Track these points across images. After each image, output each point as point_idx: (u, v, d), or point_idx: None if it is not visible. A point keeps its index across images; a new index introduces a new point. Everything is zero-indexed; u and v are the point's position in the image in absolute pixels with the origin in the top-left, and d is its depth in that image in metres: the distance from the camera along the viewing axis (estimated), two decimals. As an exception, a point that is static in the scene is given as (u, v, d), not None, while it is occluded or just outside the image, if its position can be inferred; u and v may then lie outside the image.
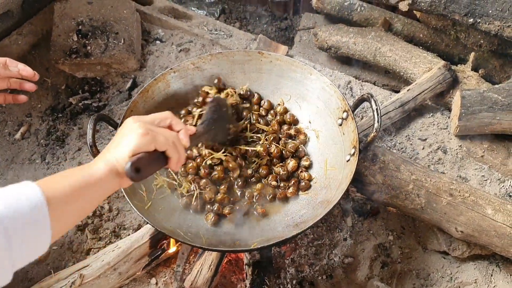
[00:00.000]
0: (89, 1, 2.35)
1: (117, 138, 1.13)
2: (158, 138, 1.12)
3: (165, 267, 1.78)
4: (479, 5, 1.95)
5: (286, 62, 1.77)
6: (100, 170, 1.04)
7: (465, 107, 1.95)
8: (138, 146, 1.08)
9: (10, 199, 0.85)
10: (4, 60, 1.52)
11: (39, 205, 0.88)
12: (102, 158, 1.08)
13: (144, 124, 1.12)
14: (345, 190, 1.43)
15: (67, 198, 0.96)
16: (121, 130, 1.14)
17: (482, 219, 1.66)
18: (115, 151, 1.09)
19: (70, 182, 0.98)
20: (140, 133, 1.09)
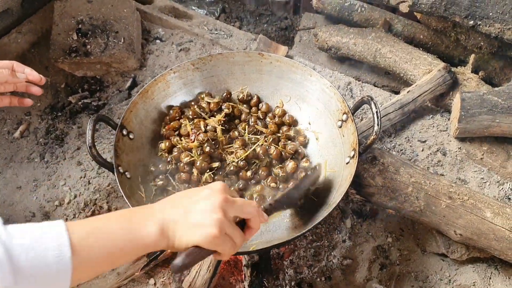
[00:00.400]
0: (89, 0, 2.34)
1: (192, 206, 1.00)
2: (226, 244, 0.99)
3: (164, 268, 1.78)
4: (479, 7, 1.95)
5: (286, 64, 1.77)
6: (151, 238, 0.94)
7: (465, 110, 1.95)
8: (202, 244, 0.96)
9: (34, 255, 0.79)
10: (11, 64, 1.52)
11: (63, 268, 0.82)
12: (160, 218, 0.96)
13: (223, 221, 0.98)
14: (344, 193, 1.43)
15: (99, 258, 0.88)
16: (204, 199, 1.00)
17: (481, 222, 1.66)
18: (180, 224, 0.97)
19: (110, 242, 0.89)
20: (214, 233, 0.95)
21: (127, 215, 0.96)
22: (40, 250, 0.80)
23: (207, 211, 0.98)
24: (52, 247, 0.81)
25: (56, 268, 0.81)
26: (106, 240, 0.89)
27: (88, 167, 2.01)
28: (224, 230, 0.98)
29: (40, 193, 1.95)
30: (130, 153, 1.58)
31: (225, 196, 1.02)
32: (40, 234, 0.82)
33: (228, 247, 1.01)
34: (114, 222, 0.93)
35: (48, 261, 0.80)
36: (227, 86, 1.83)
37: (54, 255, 0.81)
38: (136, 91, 2.25)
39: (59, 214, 1.89)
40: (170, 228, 0.96)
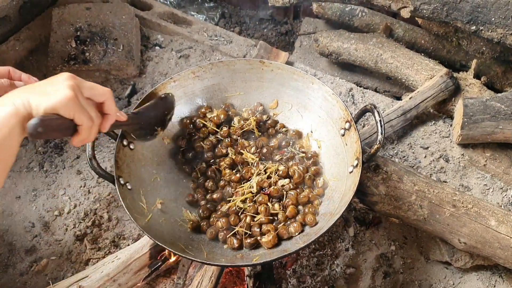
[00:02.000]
0: (87, 7, 2.32)
1: (42, 85, 1.00)
2: (82, 112, 1.01)
3: (165, 278, 1.76)
4: (482, 12, 1.93)
5: (287, 71, 1.75)
6: (10, 119, 0.92)
7: (467, 116, 1.93)
8: (59, 106, 0.96)
9: None
10: (7, 70, 1.50)
11: None
12: (10, 101, 0.94)
13: (78, 89, 1.01)
14: (348, 203, 1.41)
15: None
16: (52, 78, 1.02)
17: (485, 230, 1.64)
18: (32, 95, 0.96)
19: None
20: (69, 95, 0.97)
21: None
22: None
23: (58, 80, 1.00)
24: None
25: None
26: None
27: (88, 176, 1.99)
28: (78, 96, 0.99)
29: (39, 203, 1.93)
30: (131, 164, 1.56)
31: (73, 75, 1.04)
32: None
33: (86, 119, 1.02)
34: None
35: None
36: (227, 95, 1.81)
37: None
38: (136, 99, 2.24)
39: (59, 224, 1.87)
40: (23, 101, 0.94)
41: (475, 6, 1.91)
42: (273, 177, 1.60)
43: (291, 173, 1.62)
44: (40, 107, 0.95)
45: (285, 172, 1.62)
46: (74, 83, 1.01)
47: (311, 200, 1.58)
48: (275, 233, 1.48)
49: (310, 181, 1.61)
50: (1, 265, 1.78)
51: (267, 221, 1.52)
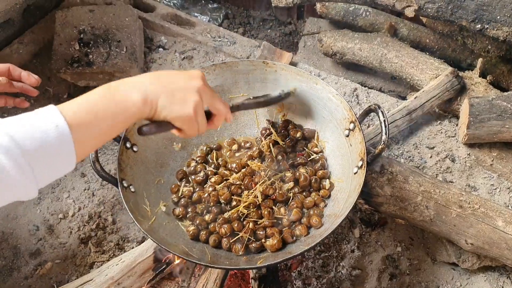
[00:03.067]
0: (91, 9, 2.32)
1: (175, 84, 1.09)
2: (193, 127, 1.12)
3: (170, 281, 1.76)
4: (487, 10, 1.91)
5: (291, 72, 1.74)
6: (135, 106, 1.02)
7: (473, 115, 1.92)
8: (176, 121, 1.09)
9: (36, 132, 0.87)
10: (7, 68, 1.49)
11: (65, 139, 0.89)
12: (143, 88, 1.04)
13: (199, 107, 1.10)
14: (353, 204, 1.40)
15: (90, 126, 0.95)
16: (185, 80, 1.11)
17: (492, 231, 1.62)
18: (163, 97, 1.06)
19: (96, 111, 0.96)
20: (189, 116, 1.08)
21: (113, 87, 1.02)
22: (41, 132, 0.87)
23: (188, 90, 1.09)
24: (51, 127, 0.88)
25: (59, 144, 0.89)
26: (97, 113, 0.97)
27: (92, 179, 1.99)
28: (197, 116, 1.10)
29: (43, 206, 1.93)
30: (134, 166, 1.55)
31: (205, 84, 1.13)
32: (37, 119, 0.89)
33: (193, 130, 1.14)
34: (102, 96, 1.00)
35: (50, 139, 0.88)
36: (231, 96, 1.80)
37: (54, 133, 0.88)
38: (140, 101, 2.23)
39: (63, 227, 1.87)
40: (153, 99, 1.04)
41: (480, 5, 1.89)
42: (277, 183, 1.59)
43: (297, 176, 1.60)
44: (162, 112, 1.06)
45: (292, 179, 1.61)
46: (199, 99, 1.10)
47: (317, 203, 1.57)
48: (279, 237, 1.46)
49: (317, 184, 1.60)
50: (6, 268, 1.78)
51: (271, 224, 1.51)
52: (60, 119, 0.90)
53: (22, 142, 0.85)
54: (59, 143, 0.89)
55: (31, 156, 0.85)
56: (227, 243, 1.47)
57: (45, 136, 0.87)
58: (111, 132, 1.02)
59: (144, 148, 1.62)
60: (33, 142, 0.86)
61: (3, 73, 1.49)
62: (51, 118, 0.90)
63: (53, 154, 0.89)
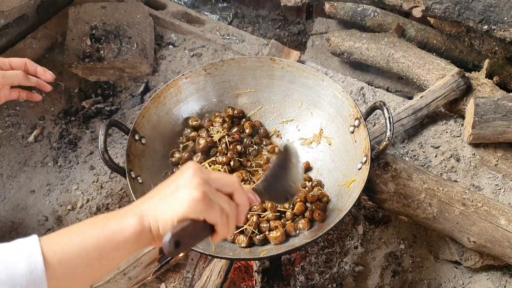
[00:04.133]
0: (103, 6, 2.36)
1: (167, 188, 0.92)
2: (213, 209, 0.90)
3: (175, 273, 1.78)
4: (494, 12, 1.92)
5: (297, 69, 1.77)
6: (129, 229, 0.85)
7: (479, 115, 1.93)
8: (187, 212, 0.86)
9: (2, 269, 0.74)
10: (24, 62, 1.54)
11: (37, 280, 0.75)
12: (137, 210, 0.88)
13: (203, 185, 0.90)
14: (356, 199, 1.42)
15: (76, 263, 0.80)
16: (176, 179, 0.93)
17: (495, 229, 1.63)
18: (158, 206, 0.89)
19: (85, 243, 0.82)
20: (196, 197, 0.87)
21: (103, 217, 0.89)
22: (9, 264, 0.75)
23: (184, 183, 0.90)
24: (23, 259, 0.76)
25: (28, 281, 0.75)
26: (80, 242, 0.82)
27: (100, 171, 2.02)
28: (207, 194, 0.89)
29: (53, 197, 1.97)
30: (142, 158, 1.58)
31: (198, 167, 0.93)
32: (9, 249, 0.77)
33: (218, 214, 0.91)
34: (89, 224, 0.87)
35: (19, 275, 0.74)
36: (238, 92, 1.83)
37: (25, 267, 0.75)
38: (149, 96, 2.27)
39: (72, 218, 1.91)
40: (149, 215, 0.88)
41: (487, 6, 1.90)
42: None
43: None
44: (166, 218, 0.87)
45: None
46: (201, 179, 0.90)
47: (320, 198, 1.59)
48: (283, 230, 1.49)
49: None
50: (15, 257, 1.82)
51: (274, 217, 1.54)
52: (37, 254, 0.76)
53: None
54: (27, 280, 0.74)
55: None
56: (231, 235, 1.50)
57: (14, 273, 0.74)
58: (101, 268, 0.85)
59: (152, 141, 1.65)
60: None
61: (20, 67, 1.54)
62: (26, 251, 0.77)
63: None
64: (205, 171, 0.94)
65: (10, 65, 1.50)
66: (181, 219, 0.87)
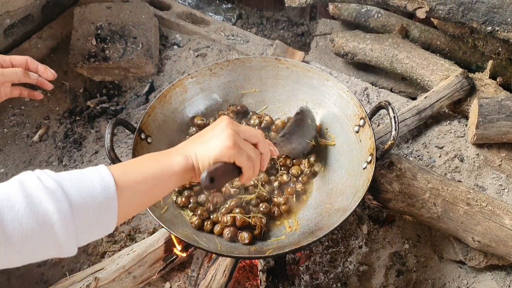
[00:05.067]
0: (108, 6, 2.38)
1: (205, 135, 1.14)
2: (242, 154, 1.12)
3: (180, 272, 1.79)
4: (497, 13, 1.93)
5: (302, 69, 1.77)
6: (178, 165, 1.07)
7: (482, 116, 1.93)
8: (221, 155, 1.09)
9: (83, 186, 0.89)
10: (25, 60, 1.54)
11: (110, 197, 0.91)
12: (182, 151, 1.11)
13: (234, 135, 1.12)
14: (361, 198, 1.42)
15: (139, 187, 0.99)
16: (212, 128, 1.15)
17: (499, 229, 1.64)
18: (198, 148, 1.11)
19: (145, 172, 1.01)
20: (228, 144, 1.09)
21: (154, 155, 1.10)
22: (87, 182, 0.90)
23: (217, 130, 1.13)
24: (97, 179, 0.91)
25: (104, 197, 0.90)
26: (141, 171, 1.01)
27: (105, 171, 2.03)
28: (237, 142, 1.11)
29: (58, 196, 1.97)
30: (148, 157, 1.59)
31: (230, 120, 1.16)
32: (85, 172, 0.93)
33: (245, 159, 1.13)
34: (145, 159, 1.07)
35: (96, 191, 0.90)
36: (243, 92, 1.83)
37: (100, 186, 0.90)
38: (154, 96, 2.28)
39: (77, 217, 1.91)
40: (192, 154, 1.10)
41: (491, 7, 1.91)
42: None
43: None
44: (204, 158, 1.09)
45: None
46: (232, 130, 1.12)
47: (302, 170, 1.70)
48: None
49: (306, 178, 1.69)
50: (21, 255, 1.82)
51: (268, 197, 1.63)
52: (109, 176, 0.93)
53: (68, 190, 0.87)
54: (105, 201, 0.91)
55: (76, 207, 0.86)
56: (233, 232, 1.51)
57: (92, 190, 0.90)
58: (155, 195, 1.06)
59: (158, 140, 1.66)
60: (79, 194, 0.88)
61: (21, 65, 1.53)
62: (99, 174, 0.93)
63: (97, 211, 0.90)
64: (236, 124, 1.17)
65: (11, 62, 1.49)
66: (216, 160, 1.09)
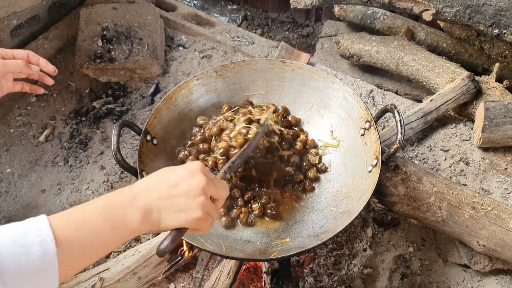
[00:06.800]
0: (114, 7, 2.38)
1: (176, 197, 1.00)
2: (207, 223, 1.04)
3: (184, 273, 1.79)
4: (504, 16, 1.92)
5: (308, 71, 1.77)
6: (134, 222, 0.94)
7: (488, 119, 1.93)
8: (187, 225, 1.00)
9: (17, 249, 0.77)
10: (27, 54, 1.55)
11: (49, 261, 0.80)
12: (142, 205, 0.96)
13: (206, 203, 1.02)
14: (366, 202, 1.42)
15: (83, 247, 0.87)
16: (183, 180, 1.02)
17: (505, 233, 1.63)
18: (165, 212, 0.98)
19: (94, 234, 0.89)
20: (199, 216, 0.99)
21: (109, 204, 0.93)
22: (23, 247, 0.78)
23: (191, 195, 1.01)
24: (36, 243, 0.79)
25: (41, 264, 0.79)
26: (90, 233, 0.89)
27: (111, 171, 2.04)
28: (207, 213, 1.03)
29: (63, 197, 1.98)
30: (154, 159, 1.59)
31: (207, 178, 1.04)
32: (22, 231, 0.80)
33: (208, 225, 1.05)
34: (96, 214, 0.91)
35: (33, 257, 0.78)
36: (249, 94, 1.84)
37: (38, 251, 0.79)
38: (159, 97, 2.28)
39: (82, 218, 1.91)
40: (154, 212, 0.97)
41: (498, 10, 1.91)
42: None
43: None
44: (169, 224, 0.99)
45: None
46: (205, 194, 1.02)
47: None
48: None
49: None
50: (26, 255, 1.83)
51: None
52: (48, 234, 0.81)
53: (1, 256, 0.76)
54: (41, 263, 0.79)
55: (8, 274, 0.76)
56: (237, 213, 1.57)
57: (27, 253, 0.78)
58: (103, 251, 0.93)
59: (163, 142, 1.66)
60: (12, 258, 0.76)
61: (22, 58, 1.55)
62: (38, 230, 0.81)
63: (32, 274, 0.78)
64: (209, 178, 1.05)
65: (13, 56, 1.51)
66: (181, 226, 0.99)
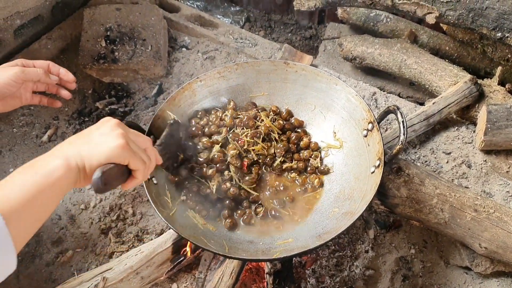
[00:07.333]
0: (117, 8, 2.39)
1: (89, 135, 1.04)
2: (136, 156, 1.06)
3: (187, 273, 1.79)
4: (508, 19, 1.93)
5: (311, 72, 1.78)
6: (58, 170, 0.94)
7: (491, 122, 1.93)
8: (114, 156, 1.01)
9: None
10: (47, 64, 1.57)
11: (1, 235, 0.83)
12: (60, 154, 0.98)
13: (127, 135, 1.05)
14: (369, 203, 1.42)
15: (24, 208, 0.88)
16: (98, 128, 1.06)
17: (506, 235, 1.64)
18: (83, 149, 1.00)
19: (24, 189, 0.89)
20: (121, 144, 1.02)
21: (30, 165, 0.96)
22: None
23: (106, 132, 1.04)
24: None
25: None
26: (20, 191, 0.89)
27: (113, 171, 2.04)
28: (129, 143, 1.04)
29: (66, 197, 1.98)
30: (157, 159, 1.60)
31: (118, 121, 1.08)
32: None
33: (139, 162, 1.07)
34: (21, 174, 0.93)
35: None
36: (252, 95, 1.84)
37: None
38: (162, 98, 2.29)
39: (85, 218, 1.92)
40: (75, 157, 0.98)
41: (501, 13, 1.91)
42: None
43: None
44: (93, 159, 0.99)
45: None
46: (123, 131, 1.05)
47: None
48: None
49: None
50: (29, 255, 1.84)
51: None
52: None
53: None
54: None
55: None
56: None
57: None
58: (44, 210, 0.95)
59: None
60: None
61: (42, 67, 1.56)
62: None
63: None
64: (124, 125, 1.09)
65: (34, 66, 1.53)
66: (107, 161, 1.00)
